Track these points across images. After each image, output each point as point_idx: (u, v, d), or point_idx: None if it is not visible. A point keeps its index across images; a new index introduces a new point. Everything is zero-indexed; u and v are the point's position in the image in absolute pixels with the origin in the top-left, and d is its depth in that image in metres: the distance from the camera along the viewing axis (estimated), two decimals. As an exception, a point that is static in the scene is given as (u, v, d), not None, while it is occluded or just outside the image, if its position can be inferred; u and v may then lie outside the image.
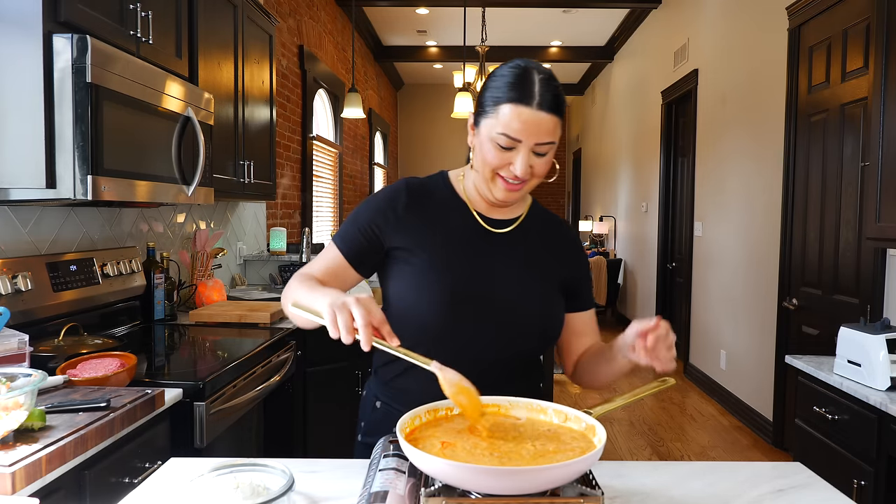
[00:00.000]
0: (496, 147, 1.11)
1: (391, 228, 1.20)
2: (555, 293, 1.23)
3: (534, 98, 1.08)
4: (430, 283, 1.16)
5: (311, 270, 1.20)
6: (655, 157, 6.10)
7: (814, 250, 3.28)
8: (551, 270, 1.24)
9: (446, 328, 1.15)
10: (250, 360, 2.03)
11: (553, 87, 1.11)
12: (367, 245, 1.20)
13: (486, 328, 1.16)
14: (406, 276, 1.18)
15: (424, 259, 1.18)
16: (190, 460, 1.15)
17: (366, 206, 1.23)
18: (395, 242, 1.20)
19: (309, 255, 3.21)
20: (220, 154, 2.63)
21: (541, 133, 1.09)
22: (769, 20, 3.79)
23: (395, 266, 1.20)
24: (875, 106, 2.12)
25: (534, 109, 1.08)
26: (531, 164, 1.11)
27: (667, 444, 3.82)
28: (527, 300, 1.18)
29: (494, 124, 1.10)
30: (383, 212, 1.20)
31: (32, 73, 1.54)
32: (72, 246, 2.12)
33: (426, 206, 1.22)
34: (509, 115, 1.09)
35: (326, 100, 5.98)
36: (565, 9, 6.48)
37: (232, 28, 2.75)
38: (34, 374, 1.19)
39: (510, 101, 1.09)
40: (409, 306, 1.17)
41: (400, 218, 1.20)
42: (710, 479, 1.10)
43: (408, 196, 1.22)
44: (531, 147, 1.10)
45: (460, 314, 1.15)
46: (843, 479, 1.95)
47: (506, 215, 1.25)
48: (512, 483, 0.78)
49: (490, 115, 1.12)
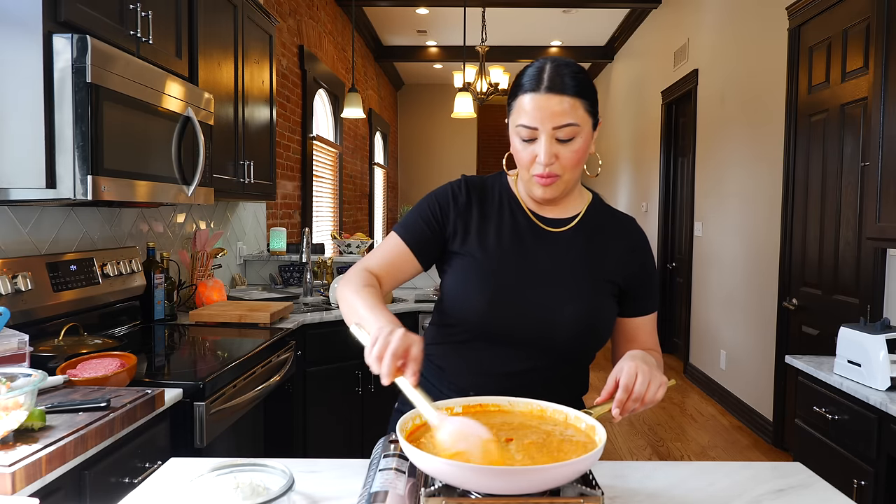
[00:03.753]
0: (521, 142, 1.13)
1: (452, 220, 1.21)
2: (605, 295, 1.19)
3: (542, 83, 1.09)
4: (477, 280, 1.17)
5: (369, 264, 1.20)
6: (655, 157, 6.10)
7: (814, 250, 3.28)
8: (606, 271, 1.20)
9: (490, 325, 1.15)
10: (250, 360, 2.03)
11: (567, 71, 1.10)
12: (430, 234, 1.21)
13: (529, 330, 1.15)
14: (458, 270, 1.19)
15: (476, 255, 1.19)
16: (190, 460, 1.15)
17: (427, 199, 1.24)
18: (453, 233, 1.21)
19: (309, 255, 3.21)
20: (220, 154, 2.63)
21: (554, 116, 1.08)
22: (769, 20, 3.79)
23: (450, 259, 1.22)
24: (875, 106, 2.12)
25: (542, 94, 1.08)
26: (556, 153, 1.10)
27: (667, 444, 3.82)
28: (571, 301, 1.15)
29: (514, 120, 1.13)
30: (445, 203, 1.22)
31: (32, 73, 1.54)
32: (72, 246, 2.12)
33: (484, 202, 1.23)
34: (523, 104, 1.11)
35: (326, 100, 5.98)
36: (565, 9, 6.48)
37: (232, 28, 2.75)
38: (34, 374, 1.19)
39: (522, 93, 1.11)
40: (456, 299, 1.18)
41: (460, 211, 1.21)
42: (710, 479, 1.10)
43: (468, 191, 1.23)
44: (550, 133, 1.09)
45: (505, 314, 1.15)
46: (843, 479, 1.95)
47: (561, 214, 1.23)
48: (512, 483, 0.78)
49: (511, 113, 1.14)
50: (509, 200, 1.23)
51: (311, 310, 2.94)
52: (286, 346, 2.40)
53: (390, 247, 1.22)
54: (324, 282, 3.61)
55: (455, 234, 1.21)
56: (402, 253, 1.21)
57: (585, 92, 1.11)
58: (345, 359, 2.89)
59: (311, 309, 2.96)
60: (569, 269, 1.18)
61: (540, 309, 1.15)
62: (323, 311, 2.89)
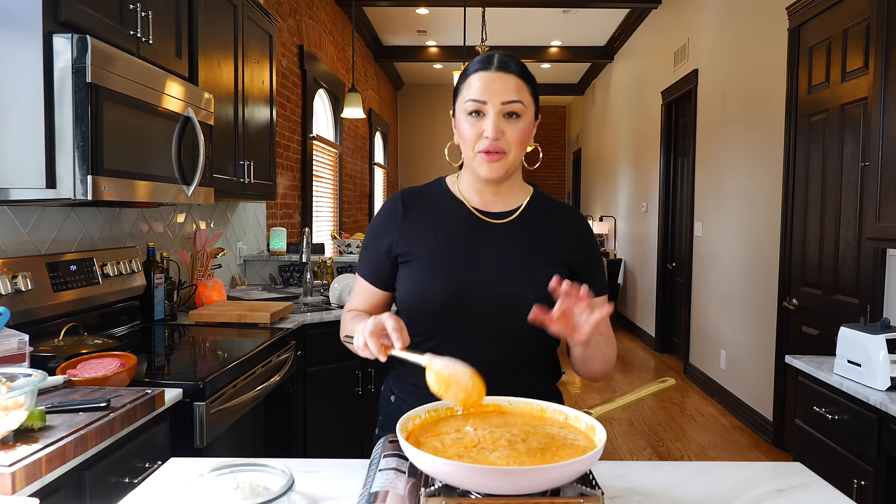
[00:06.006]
0: (468, 118, 1.17)
1: (394, 237, 1.23)
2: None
3: (493, 64, 1.17)
4: (431, 281, 1.18)
5: (354, 306, 1.31)
6: (655, 157, 6.10)
7: (814, 250, 3.28)
8: (554, 258, 1.23)
9: (450, 323, 1.17)
10: (250, 360, 2.03)
11: (514, 59, 1.18)
12: (383, 262, 1.25)
13: (489, 320, 1.17)
14: (409, 277, 1.21)
15: (424, 258, 1.20)
16: (190, 460, 1.15)
17: (371, 230, 1.29)
18: (400, 249, 1.23)
19: (309, 255, 3.21)
20: (220, 154, 2.63)
21: (504, 91, 1.14)
22: (769, 20, 3.79)
23: (400, 270, 1.24)
24: (875, 106, 2.12)
25: (493, 71, 1.16)
26: (502, 129, 1.15)
27: (667, 444, 3.82)
28: (526, 286, 1.17)
29: (463, 97, 1.18)
30: (384, 225, 1.25)
31: (32, 73, 1.54)
32: (72, 246, 2.12)
33: (422, 208, 1.25)
34: (473, 81, 1.17)
35: (326, 100, 5.98)
36: (565, 9, 6.48)
37: (232, 28, 2.75)
38: (34, 374, 1.19)
39: (474, 72, 1.18)
40: (410, 302, 1.20)
41: (400, 227, 1.24)
42: (710, 479, 1.10)
43: (403, 204, 1.26)
44: (498, 108, 1.15)
45: (463, 308, 1.16)
46: (843, 478, 1.95)
47: (504, 207, 1.25)
48: (512, 483, 0.78)
49: (460, 93, 1.19)
50: (451, 201, 1.26)
51: (311, 310, 2.94)
52: (286, 346, 2.40)
53: (361, 290, 1.30)
54: (324, 282, 3.61)
55: (400, 246, 1.23)
56: (371, 292, 1.28)
57: (530, 79, 1.19)
58: (345, 359, 2.89)
59: (311, 309, 2.96)
60: (518, 257, 1.21)
61: (496, 298, 1.17)
62: (323, 311, 2.89)
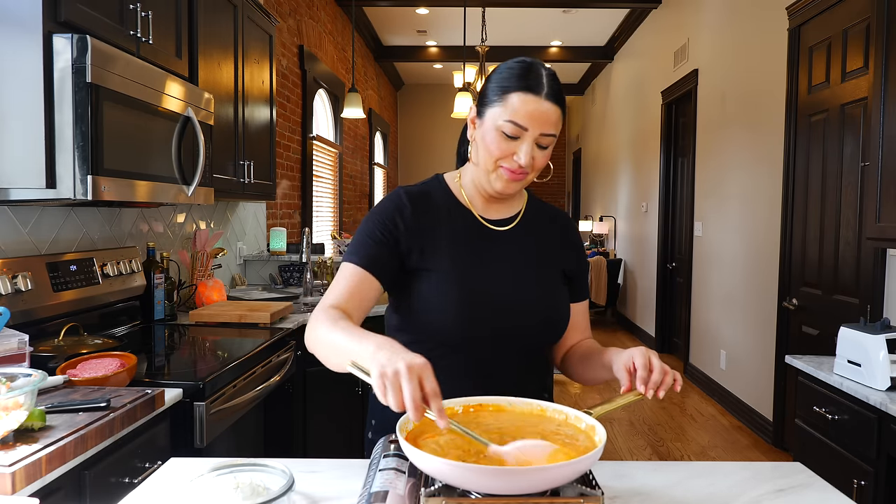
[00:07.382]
0: (501, 136, 1.12)
1: (403, 235, 1.17)
2: (559, 285, 1.25)
3: (542, 88, 1.11)
4: (452, 292, 1.15)
5: (331, 301, 1.12)
6: (655, 157, 6.10)
7: (814, 250, 3.28)
8: (554, 262, 1.25)
9: (466, 336, 1.15)
10: (250, 360, 2.03)
11: (558, 82, 1.14)
12: (384, 251, 1.16)
13: (504, 332, 1.17)
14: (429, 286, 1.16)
15: (443, 268, 1.17)
16: (190, 460, 1.15)
17: (371, 219, 1.19)
18: (408, 250, 1.17)
19: (309, 255, 3.21)
20: (220, 154, 2.63)
21: (546, 123, 1.11)
22: (769, 20, 3.79)
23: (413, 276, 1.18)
24: (875, 106, 2.12)
25: (542, 98, 1.10)
26: (533, 156, 1.13)
27: (667, 444, 3.82)
28: (537, 294, 1.20)
29: (501, 113, 1.11)
30: (391, 219, 1.18)
31: (32, 73, 1.54)
32: (72, 246, 2.12)
33: (431, 213, 1.21)
34: (518, 102, 1.10)
35: (326, 100, 5.98)
36: (565, 9, 6.48)
37: (232, 28, 2.75)
38: (34, 374, 1.19)
39: (519, 90, 1.10)
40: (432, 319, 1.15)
41: (409, 225, 1.18)
42: (710, 479, 1.10)
43: (410, 203, 1.20)
44: (535, 137, 1.12)
45: (481, 321, 1.15)
46: (843, 478, 1.95)
47: (504, 213, 1.25)
48: (512, 483, 0.78)
49: (496, 104, 1.12)
50: (455, 206, 1.23)
51: (311, 310, 2.93)
52: (286, 346, 2.40)
53: (347, 277, 1.14)
54: (324, 282, 3.61)
55: (410, 250, 1.17)
56: (361, 279, 1.14)
57: (565, 106, 1.17)
58: (345, 359, 2.88)
59: (311, 309, 2.96)
60: (524, 264, 1.21)
61: (513, 307, 1.17)
62: (323, 311, 2.89)
